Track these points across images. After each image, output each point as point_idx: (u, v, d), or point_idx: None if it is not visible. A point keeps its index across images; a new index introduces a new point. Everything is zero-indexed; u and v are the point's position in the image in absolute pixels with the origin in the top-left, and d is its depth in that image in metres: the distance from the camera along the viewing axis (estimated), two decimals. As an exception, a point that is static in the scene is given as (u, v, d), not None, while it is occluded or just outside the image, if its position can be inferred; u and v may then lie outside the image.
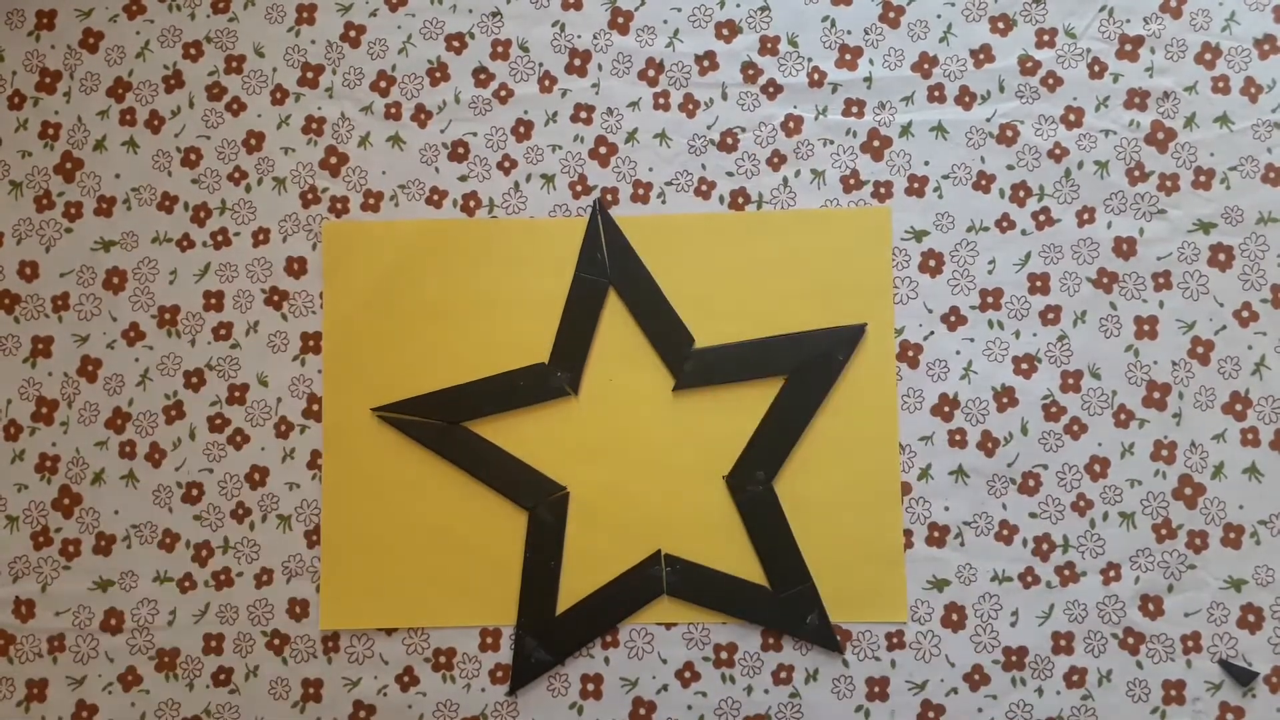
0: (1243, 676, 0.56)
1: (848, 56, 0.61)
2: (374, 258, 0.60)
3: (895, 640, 0.57)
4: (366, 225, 0.60)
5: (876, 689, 0.57)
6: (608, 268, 0.60)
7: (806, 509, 0.58)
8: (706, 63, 0.61)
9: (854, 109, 0.60)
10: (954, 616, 0.58)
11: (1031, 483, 0.58)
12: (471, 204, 0.61)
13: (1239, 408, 0.58)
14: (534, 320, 0.60)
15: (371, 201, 0.61)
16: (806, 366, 0.59)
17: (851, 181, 0.60)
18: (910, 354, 0.59)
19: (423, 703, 0.58)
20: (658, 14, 0.61)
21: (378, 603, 0.58)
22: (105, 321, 0.60)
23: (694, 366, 0.59)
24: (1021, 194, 0.59)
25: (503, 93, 0.61)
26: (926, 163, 0.60)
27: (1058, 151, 0.60)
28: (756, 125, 0.60)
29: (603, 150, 0.61)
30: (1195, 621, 0.57)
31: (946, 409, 0.59)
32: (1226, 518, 0.57)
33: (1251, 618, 0.57)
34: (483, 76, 0.61)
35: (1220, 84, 0.59)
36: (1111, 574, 0.57)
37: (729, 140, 0.60)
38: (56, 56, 0.62)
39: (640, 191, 0.60)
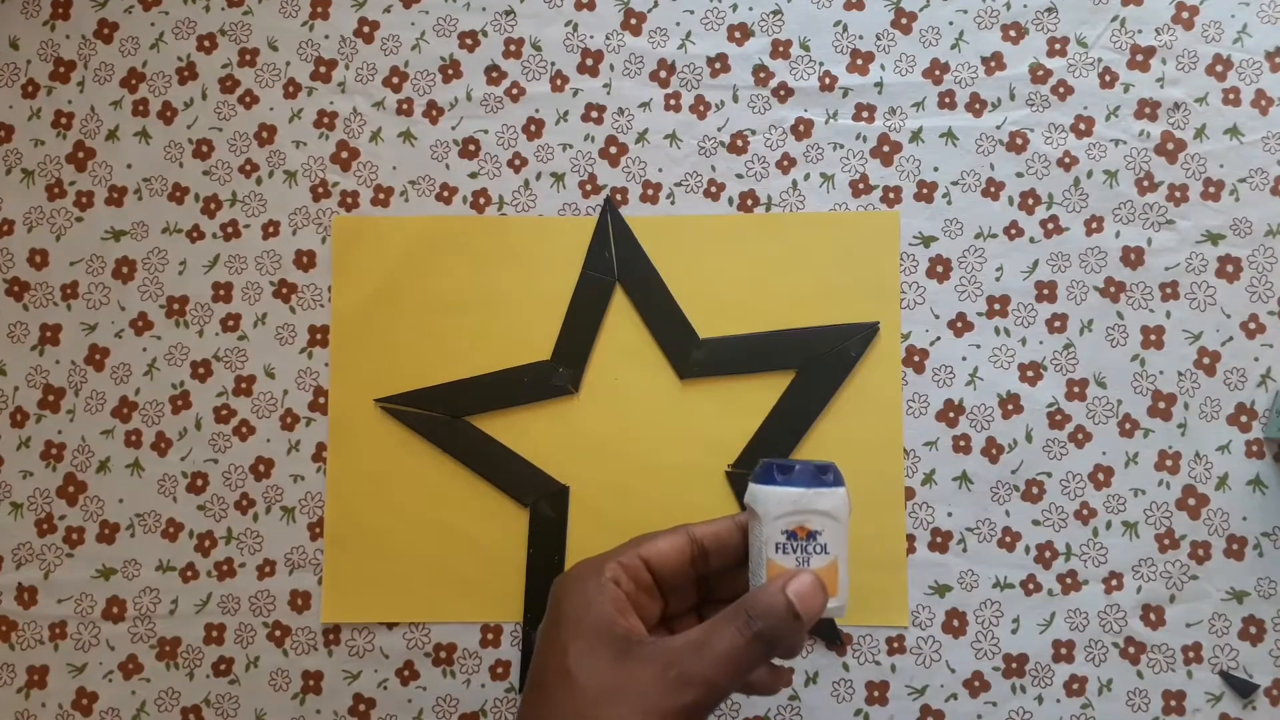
0: (1243, 688, 0.56)
1: (859, 61, 0.61)
2: (383, 252, 0.60)
3: (896, 645, 0.57)
4: (376, 220, 0.61)
5: (876, 693, 0.57)
6: (615, 266, 0.60)
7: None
8: (718, 65, 0.61)
9: (864, 114, 0.60)
10: (955, 622, 0.57)
11: (1035, 490, 0.58)
12: (481, 201, 0.61)
13: (1244, 419, 0.58)
14: (541, 317, 0.60)
15: (382, 197, 0.61)
16: (818, 361, 0.59)
17: (861, 186, 0.60)
18: (916, 359, 0.59)
19: (422, 697, 0.58)
20: (670, 16, 0.61)
21: (379, 597, 0.58)
22: (114, 311, 0.61)
23: (703, 355, 0.59)
24: (1030, 202, 0.60)
25: (514, 91, 0.61)
26: (936, 169, 0.60)
27: (1067, 160, 0.60)
28: (767, 128, 0.61)
29: (613, 150, 0.61)
30: (1196, 632, 0.57)
31: (951, 415, 0.59)
32: (1230, 529, 0.57)
33: (1253, 630, 0.57)
34: (495, 74, 0.62)
35: (1231, 96, 0.59)
36: (1113, 583, 0.57)
37: (739, 142, 0.61)
38: (71, 46, 0.62)
39: (650, 192, 0.60)
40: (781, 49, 0.61)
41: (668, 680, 0.39)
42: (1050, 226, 0.59)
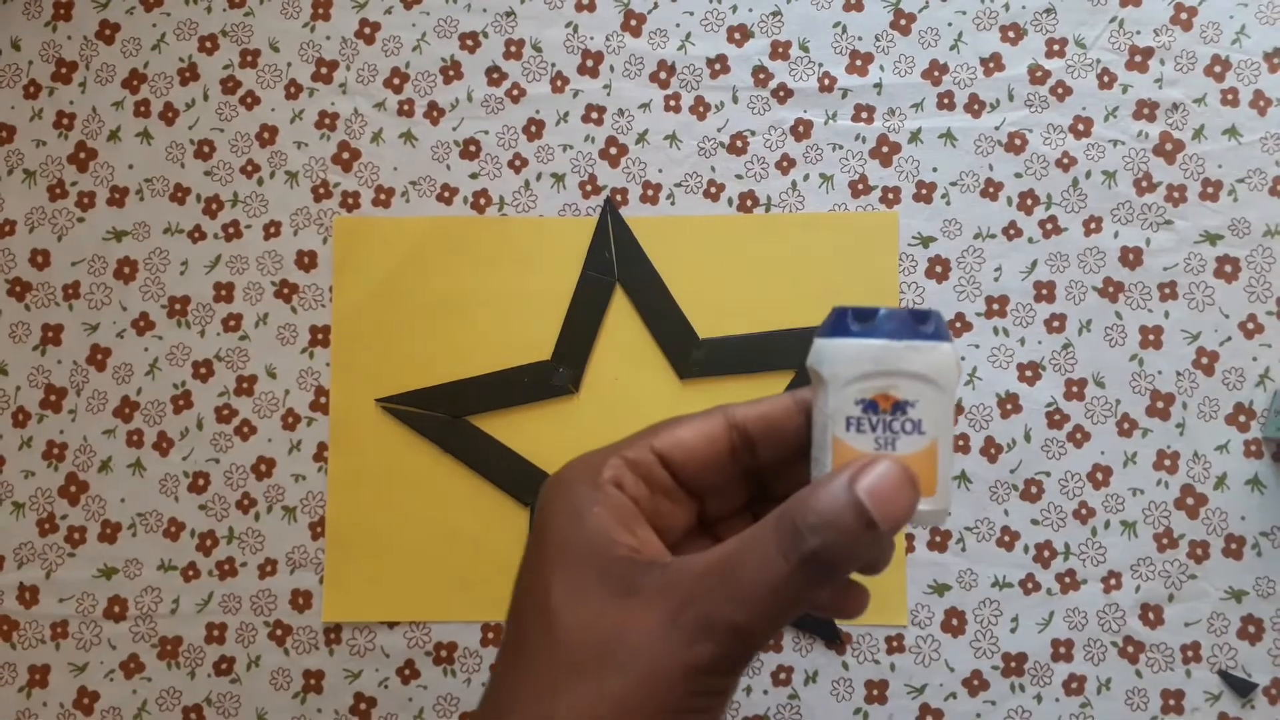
0: (1242, 688, 0.56)
1: (858, 62, 0.61)
2: (384, 253, 0.60)
3: (895, 644, 0.58)
4: (377, 221, 0.61)
5: (875, 692, 0.57)
6: (615, 266, 0.60)
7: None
8: (718, 66, 0.61)
9: (864, 114, 0.61)
10: (954, 621, 0.58)
11: (1034, 490, 0.58)
12: (482, 202, 0.61)
13: (1242, 419, 0.58)
14: (541, 317, 0.60)
15: (383, 197, 0.61)
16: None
17: (860, 186, 0.60)
18: (915, 359, 0.59)
19: (423, 696, 0.58)
20: (670, 17, 0.62)
21: (380, 596, 0.59)
22: (115, 311, 0.61)
23: (703, 355, 0.59)
24: (1029, 202, 0.60)
25: (515, 92, 0.62)
26: (935, 169, 0.60)
27: (1066, 161, 0.60)
28: (766, 129, 0.61)
29: (613, 151, 0.61)
30: (1195, 631, 0.57)
31: (950, 414, 0.59)
32: (1228, 528, 0.58)
33: (1252, 629, 0.57)
34: (495, 75, 0.62)
35: (1229, 96, 0.60)
36: (1112, 582, 0.58)
37: (739, 143, 0.61)
38: (73, 47, 0.62)
39: (650, 193, 0.61)
40: (781, 50, 0.61)
41: (681, 626, 0.28)
42: (1049, 227, 0.59)
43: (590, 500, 0.31)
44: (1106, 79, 0.60)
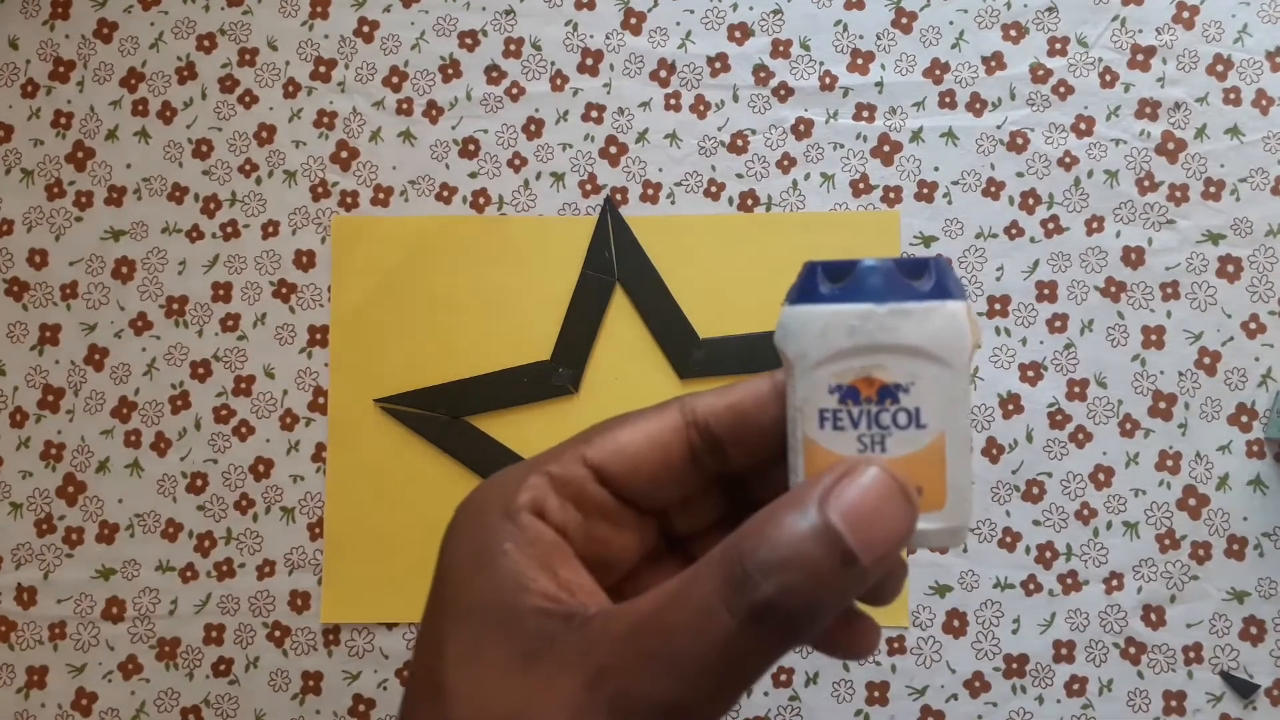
0: (1244, 689, 0.56)
1: (859, 61, 0.61)
2: (383, 252, 0.60)
3: (896, 645, 0.57)
4: (376, 220, 0.61)
5: (876, 693, 0.57)
6: (615, 266, 0.60)
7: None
8: (718, 64, 0.61)
9: (865, 113, 0.60)
10: (955, 623, 0.57)
11: (1035, 490, 0.58)
12: (481, 201, 0.61)
13: (1245, 419, 0.58)
14: (541, 317, 0.60)
15: (381, 196, 0.61)
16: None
17: (861, 186, 0.60)
18: (916, 359, 0.59)
19: (422, 697, 0.58)
20: (670, 15, 0.61)
21: (379, 597, 0.58)
22: (113, 311, 0.61)
23: (703, 355, 0.59)
24: (1031, 201, 0.59)
25: (514, 90, 0.61)
26: (936, 168, 0.60)
27: (1068, 160, 0.60)
28: (767, 128, 0.61)
29: (613, 150, 0.61)
30: (1197, 632, 0.57)
31: (952, 415, 0.59)
32: (1230, 529, 0.57)
33: (1254, 630, 0.57)
34: (494, 74, 0.61)
35: (1232, 95, 0.59)
36: (1114, 583, 0.57)
37: (739, 142, 0.60)
38: (70, 46, 0.62)
39: (650, 192, 0.60)
40: (782, 48, 0.61)
41: (598, 703, 0.22)
42: (1051, 226, 0.59)
43: (499, 536, 0.24)
44: (1108, 78, 0.60)
